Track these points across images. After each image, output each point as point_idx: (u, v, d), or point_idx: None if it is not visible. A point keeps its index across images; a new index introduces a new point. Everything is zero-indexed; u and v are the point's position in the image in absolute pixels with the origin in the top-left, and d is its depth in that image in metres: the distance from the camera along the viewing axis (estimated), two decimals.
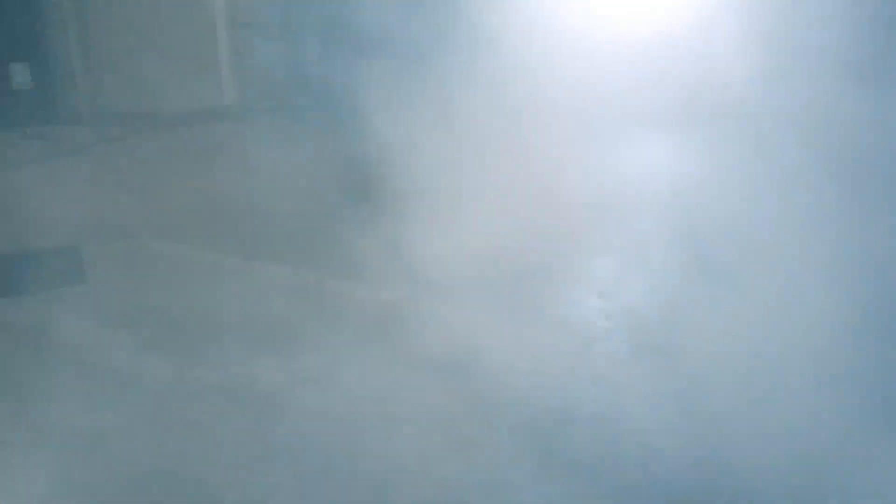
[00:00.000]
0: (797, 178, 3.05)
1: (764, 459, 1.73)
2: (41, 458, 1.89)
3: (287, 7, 7.74)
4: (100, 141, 6.39)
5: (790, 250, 2.78)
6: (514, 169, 3.89)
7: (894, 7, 3.11)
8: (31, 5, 7.26)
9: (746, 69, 3.31)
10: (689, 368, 2.20)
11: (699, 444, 1.81)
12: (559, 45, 3.73)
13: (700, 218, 3.33)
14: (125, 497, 1.80)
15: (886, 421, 1.90)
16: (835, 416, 1.88)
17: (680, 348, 2.29)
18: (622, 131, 3.78)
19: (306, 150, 5.32)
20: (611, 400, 2.01)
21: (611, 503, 1.59)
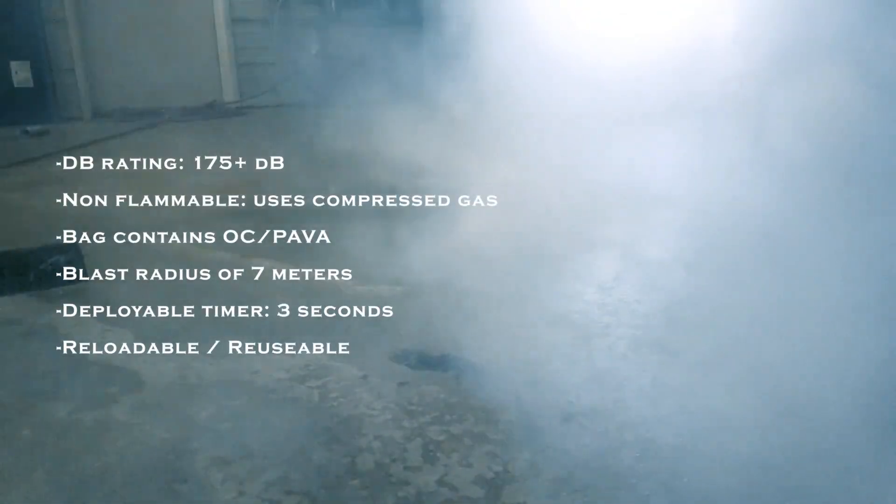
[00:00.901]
0: (801, 173, 3.03)
1: (764, 456, 1.71)
2: None
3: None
4: (101, 138, 6.40)
5: (795, 245, 2.76)
6: (516, 164, 3.88)
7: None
8: (33, 4, 7.26)
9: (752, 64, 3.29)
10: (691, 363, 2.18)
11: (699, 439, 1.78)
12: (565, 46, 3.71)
13: (702, 213, 3.32)
14: None
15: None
16: (837, 411, 1.85)
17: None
18: (623, 127, 3.76)
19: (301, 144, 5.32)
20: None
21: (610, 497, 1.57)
